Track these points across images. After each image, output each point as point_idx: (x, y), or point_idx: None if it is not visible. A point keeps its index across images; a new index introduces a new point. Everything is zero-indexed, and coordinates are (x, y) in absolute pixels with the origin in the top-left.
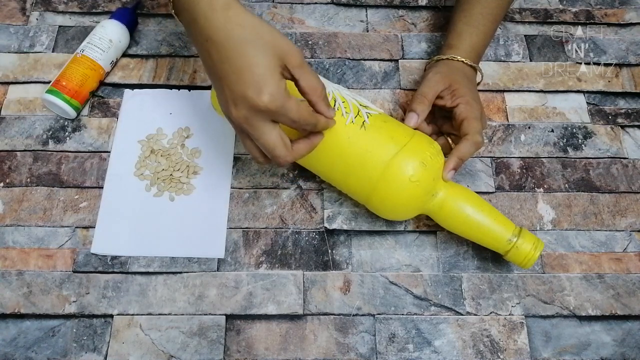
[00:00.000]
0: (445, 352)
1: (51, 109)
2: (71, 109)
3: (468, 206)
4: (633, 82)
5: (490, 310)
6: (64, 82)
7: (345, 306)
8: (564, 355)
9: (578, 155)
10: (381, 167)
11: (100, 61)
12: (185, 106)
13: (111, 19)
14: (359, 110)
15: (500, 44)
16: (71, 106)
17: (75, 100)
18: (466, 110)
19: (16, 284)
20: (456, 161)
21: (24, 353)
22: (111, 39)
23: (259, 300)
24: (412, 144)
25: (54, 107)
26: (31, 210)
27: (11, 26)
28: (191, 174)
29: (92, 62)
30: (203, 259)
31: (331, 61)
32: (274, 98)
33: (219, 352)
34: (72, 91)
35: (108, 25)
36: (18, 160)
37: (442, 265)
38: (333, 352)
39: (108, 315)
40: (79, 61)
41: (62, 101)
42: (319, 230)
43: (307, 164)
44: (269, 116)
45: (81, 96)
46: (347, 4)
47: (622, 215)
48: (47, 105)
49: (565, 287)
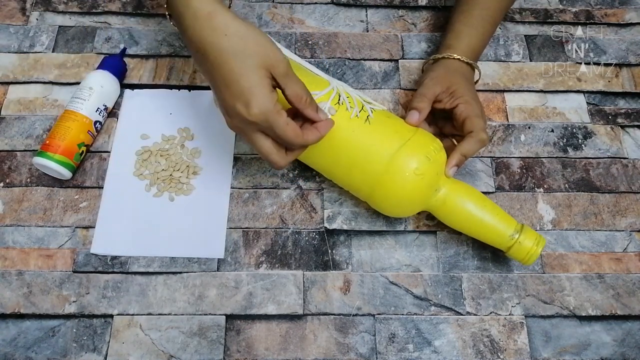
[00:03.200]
0: (445, 352)
1: (46, 172)
2: (63, 168)
3: (470, 202)
4: (633, 82)
5: (490, 310)
6: (47, 140)
7: (345, 306)
8: (564, 355)
9: (578, 155)
10: (386, 160)
11: (81, 110)
12: (185, 106)
13: (95, 70)
14: (363, 105)
15: (500, 44)
16: (62, 165)
17: (66, 157)
18: (467, 109)
19: (16, 284)
20: (459, 158)
21: (24, 353)
22: (91, 86)
23: (259, 300)
24: (416, 138)
25: (48, 170)
26: (31, 210)
27: (11, 26)
28: (191, 174)
29: (74, 113)
30: (203, 259)
31: (331, 61)
32: (261, 112)
33: (219, 352)
34: (56, 147)
35: (89, 75)
36: (18, 160)
37: (442, 265)
38: (333, 352)
39: (108, 315)
40: (63, 117)
41: (51, 162)
42: (319, 230)
43: (310, 160)
44: (259, 128)
45: (69, 150)
46: (347, 4)
47: (622, 215)
48: (41, 169)
49: (565, 287)
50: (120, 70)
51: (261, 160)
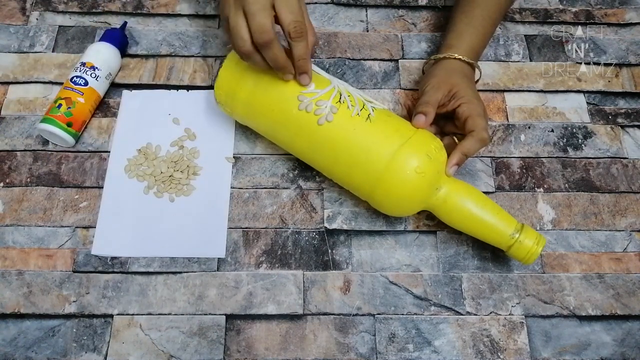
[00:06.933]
0: (445, 352)
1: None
2: (46, 124)
3: (471, 201)
4: (633, 82)
5: (490, 310)
6: None
7: (345, 306)
8: (564, 355)
9: (578, 155)
10: (387, 158)
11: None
12: (185, 106)
13: None
14: (364, 104)
15: (500, 43)
16: (45, 121)
17: (49, 117)
18: (469, 109)
19: (16, 284)
20: (460, 157)
21: (24, 353)
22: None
23: (259, 300)
24: (417, 137)
25: (45, 134)
26: (31, 210)
27: (11, 26)
28: (191, 174)
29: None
30: (203, 259)
31: (331, 61)
32: None
33: (219, 352)
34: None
35: None
36: (18, 160)
37: (442, 265)
38: (333, 352)
39: (108, 315)
40: None
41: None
42: (319, 230)
43: (311, 159)
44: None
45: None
46: (347, 4)
47: (622, 215)
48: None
49: (565, 287)
50: (120, 42)
51: (261, 160)
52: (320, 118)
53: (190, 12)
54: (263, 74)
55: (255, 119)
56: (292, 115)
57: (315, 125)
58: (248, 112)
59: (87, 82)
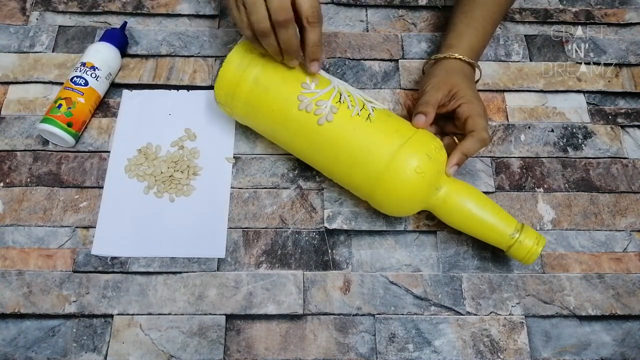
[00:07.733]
0: (445, 352)
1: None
2: (45, 124)
3: (471, 201)
4: (633, 82)
5: (490, 310)
6: None
7: (345, 306)
8: (564, 355)
9: (578, 155)
10: (387, 158)
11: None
12: (185, 106)
13: None
14: (364, 104)
15: (500, 43)
16: (45, 121)
17: (50, 117)
18: (469, 109)
19: (16, 284)
20: (460, 157)
21: (24, 353)
22: None
23: (259, 300)
24: (417, 137)
25: (46, 135)
26: (31, 210)
27: (11, 26)
28: (191, 174)
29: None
30: (203, 259)
31: (331, 61)
32: None
33: (219, 352)
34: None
35: None
36: (18, 160)
37: (442, 265)
38: (333, 352)
39: (108, 315)
40: None
41: (43, 124)
42: (319, 230)
43: (311, 159)
44: None
45: (49, 109)
46: (347, 4)
47: (622, 215)
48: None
49: (565, 287)
50: (120, 42)
51: (261, 160)
52: (320, 118)
53: (190, 12)
54: (263, 74)
55: (255, 119)
56: (292, 115)
57: (315, 125)
58: (248, 112)
59: (87, 82)
